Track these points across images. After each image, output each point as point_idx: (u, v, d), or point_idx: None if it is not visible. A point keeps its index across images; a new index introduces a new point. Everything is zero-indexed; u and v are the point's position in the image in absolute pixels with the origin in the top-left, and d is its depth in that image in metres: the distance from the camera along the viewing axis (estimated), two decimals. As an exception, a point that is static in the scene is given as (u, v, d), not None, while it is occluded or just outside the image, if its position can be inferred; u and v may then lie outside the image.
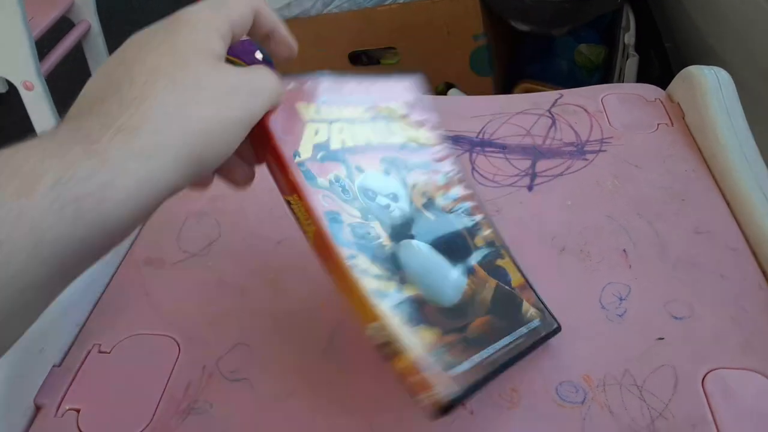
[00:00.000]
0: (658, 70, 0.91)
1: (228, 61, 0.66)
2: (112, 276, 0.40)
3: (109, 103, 0.22)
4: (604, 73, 1.06)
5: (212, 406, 0.33)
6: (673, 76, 0.56)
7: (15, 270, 0.18)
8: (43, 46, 1.30)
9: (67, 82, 1.59)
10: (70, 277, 0.21)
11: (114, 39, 1.67)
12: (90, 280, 0.39)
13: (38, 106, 1.31)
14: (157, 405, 0.32)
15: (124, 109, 0.21)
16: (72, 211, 0.19)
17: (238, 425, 0.32)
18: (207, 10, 0.26)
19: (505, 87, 1.03)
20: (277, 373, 0.34)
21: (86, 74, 1.56)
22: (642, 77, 0.89)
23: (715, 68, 0.52)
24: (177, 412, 0.32)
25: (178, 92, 0.23)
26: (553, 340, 0.35)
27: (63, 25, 1.43)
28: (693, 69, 0.52)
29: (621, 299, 0.38)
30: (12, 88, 1.31)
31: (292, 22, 0.98)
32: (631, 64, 0.97)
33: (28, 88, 1.29)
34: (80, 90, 0.24)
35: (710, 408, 0.32)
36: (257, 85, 0.26)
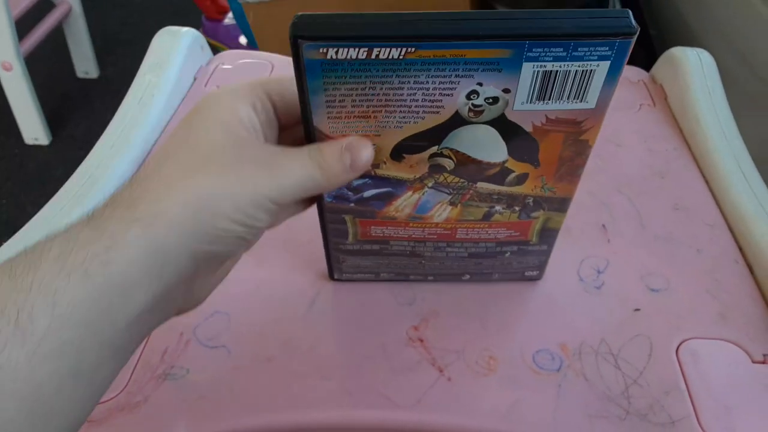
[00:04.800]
0: (643, 57, 0.92)
1: (210, 45, 0.64)
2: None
3: (120, 188, 0.23)
4: (589, 62, 1.07)
5: (188, 371, 0.32)
6: (657, 63, 0.56)
7: (41, 333, 0.19)
8: (21, 27, 1.28)
9: (46, 64, 1.57)
10: (115, 345, 0.21)
11: (96, 21, 1.64)
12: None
13: (17, 86, 1.29)
14: (133, 370, 0.32)
15: (127, 188, 0.22)
16: (80, 275, 0.19)
17: (215, 390, 0.32)
18: (236, 85, 0.25)
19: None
20: (255, 340, 0.34)
21: (66, 56, 1.54)
22: (626, 64, 0.90)
23: (698, 50, 0.53)
24: (153, 378, 0.32)
25: (184, 167, 0.22)
26: (532, 310, 0.35)
27: (43, 5, 1.40)
28: (676, 50, 0.53)
29: (599, 272, 0.38)
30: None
31: (276, 4, 0.97)
32: (616, 52, 0.97)
33: (7, 69, 1.27)
34: (60, 72, 0.24)
35: (683, 376, 0.32)
36: (283, 168, 0.24)
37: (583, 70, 0.24)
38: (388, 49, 0.23)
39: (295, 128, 0.27)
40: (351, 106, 0.25)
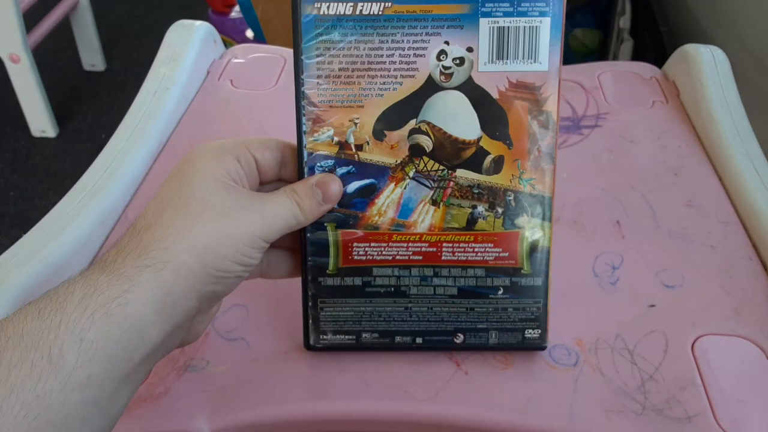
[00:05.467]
0: (653, 54, 0.92)
1: (223, 41, 0.65)
2: (107, 237, 0.40)
3: (123, 237, 0.25)
4: (598, 59, 1.07)
5: (208, 363, 0.33)
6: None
7: (70, 366, 0.21)
8: (29, 19, 1.28)
9: (53, 57, 1.57)
10: (129, 378, 0.23)
11: (102, 13, 1.64)
12: (86, 240, 0.38)
13: (24, 79, 1.29)
14: (153, 361, 0.32)
15: (134, 236, 0.25)
16: (101, 315, 0.22)
17: (234, 382, 0.32)
18: (222, 141, 0.28)
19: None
20: (273, 333, 0.34)
21: (73, 49, 1.54)
22: (639, 61, 0.90)
23: (711, 47, 0.53)
24: (174, 369, 0.32)
25: (183, 215, 0.25)
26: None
27: (51, -3, 1.40)
28: (689, 47, 0.53)
29: (614, 268, 0.38)
30: (-2, 60, 1.28)
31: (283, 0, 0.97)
32: (626, 48, 0.97)
33: (15, 61, 1.27)
34: (67, 65, 0.25)
35: (699, 372, 0.32)
36: (268, 209, 0.27)
37: (530, 27, 0.29)
38: (369, 4, 0.28)
39: (272, 184, 0.30)
40: (338, 69, 0.29)
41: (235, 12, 1.43)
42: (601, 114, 0.51)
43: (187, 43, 0.53)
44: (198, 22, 0.56)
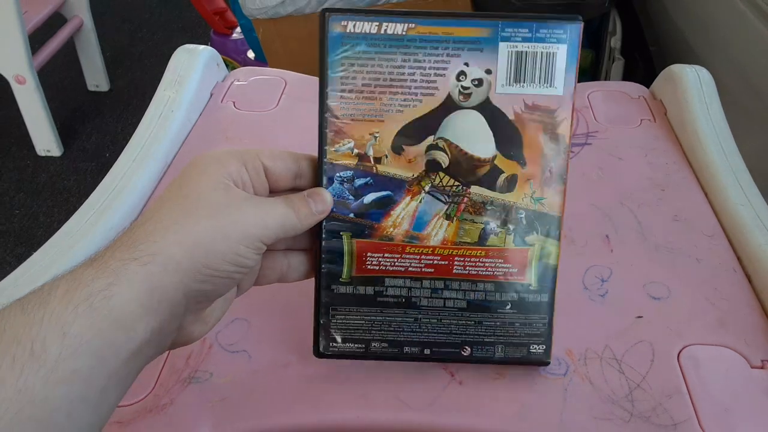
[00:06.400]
0: (643, 73, 0.94)
1: (224, 61, 0.67)
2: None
3: (118, 236, 0.25)
4: (590, 77, 1.09)
5: (212, 375, 0.34)
6: (657, 78, 0.58)
7: (53, 360, 0.20)
8: (34, 41, 1.30)
9: (58, 78, 1.60)
10: (119, 375, 0.22)
11: (106, 35, 1.67)
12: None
13: (30, 99, 1.31)
14: (159, 374, 0.34)
15: (128, 233, 0.25)
16: (85, 308, 0.21)
17: (236, 393, 0.33)
18: (232, 148, 0.29)
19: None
20: (274, 346, 0.36)
21: (78, 70, 1.57)
22: (627, 80, 0.92)
23: (697, 67, 0.54)
24: (179, 381, 0.34)
25: (178, 211, 0.25)
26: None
27: (55, 20, 1.43)
28: (675, 68, 0.55)
29: (603, 281, 0.40)
30: (3, 82, 1.31)
31: (285, 20, 1.00)
32: (617, 67, 1.00)
33: (20, 83, 1.30)
34: (71, 85, 0.26)
35: (685, 380, 0.34)
36: (264, 209, 0.27)
37: (547, 53, 0.30)
38: (393, 24, 0.29)
39: (282, 193, 0.30)
40: (361, 84, 0.30)
41: (237, 33, 1.46)
42: (591, 132, 0.53)
43: (191, 67, 0.55)
44: (201, 47, 0.58)
